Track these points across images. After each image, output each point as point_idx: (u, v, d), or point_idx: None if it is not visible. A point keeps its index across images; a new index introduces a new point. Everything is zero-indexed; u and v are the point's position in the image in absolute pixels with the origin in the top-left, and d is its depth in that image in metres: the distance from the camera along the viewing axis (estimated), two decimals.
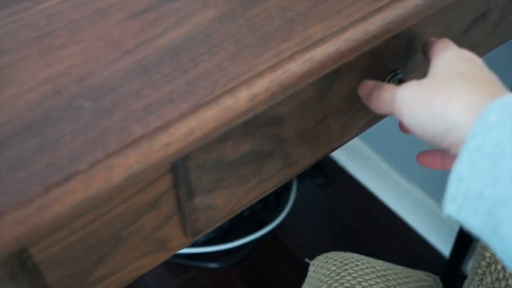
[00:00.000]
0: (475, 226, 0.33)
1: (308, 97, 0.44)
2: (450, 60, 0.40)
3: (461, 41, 0.54)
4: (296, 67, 0.37)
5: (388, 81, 0.48)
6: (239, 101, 0.35)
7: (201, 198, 0.42)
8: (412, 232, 1.28)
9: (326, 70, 0.39)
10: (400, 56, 0.49)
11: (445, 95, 0.37)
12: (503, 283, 0.51)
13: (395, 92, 0.40)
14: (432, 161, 0.43)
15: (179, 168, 0.38)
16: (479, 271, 0.54)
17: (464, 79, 0.38)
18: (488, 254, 0.53)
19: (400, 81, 0.48)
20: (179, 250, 0.46)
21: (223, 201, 0.44)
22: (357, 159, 1.35)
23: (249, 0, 0.41)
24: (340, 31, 0.39)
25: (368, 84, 0.44)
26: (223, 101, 0.35)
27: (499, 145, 0.32)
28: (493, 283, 0.52)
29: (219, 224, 0.46)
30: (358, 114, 0.50)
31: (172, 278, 1.20)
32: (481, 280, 0.53)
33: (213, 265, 1.21)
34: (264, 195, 0.47)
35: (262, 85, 0.36)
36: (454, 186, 0.34)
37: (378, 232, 1.28)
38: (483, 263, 0.53)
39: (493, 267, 0.52)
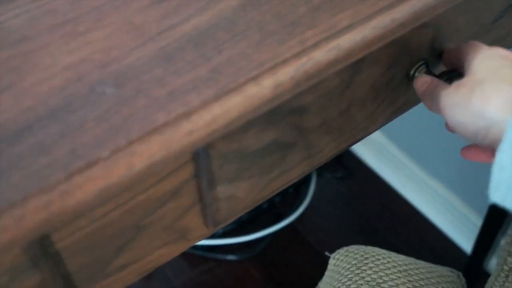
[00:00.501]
0: None
1: (332, 87, 0.43)
2: (484, 59, 0.41)
3: (491, 31, 0.52)
4: (321, 55, 0.36)
5: (415, 71, 0.47)
6: (263, 89, 0.34)
7: (223, 188, 0.41)
8: (432, 227, 1.26)
9: (352, 59, 0.38)
10: (427, 46, 0.48)
11: (483, 96, 0.38)
12: None
13: (441, 94, 0.41)
14: (477, 155, 0.43)
15: (200, 157, 0.38)
16: (505, 267, 0.52)
17: (499, 77, 0.39)
18: None
19: (428, 71, 0.47)
20: (200, 240, 0.45)
21: (245, 192, 0.43)
22: (377, 152, 1.34)
23: None
24: (366, 18, 0.38)
25: (425, 80, 0.45)
26: (247, 89, 0.34)
27: None
28: None
29: (240, 215, 0.45)
30: (383, 104, 0.49)
31: (191, 269, 1.20)
32: (507, 276, 0.52)
33: (231, 257, 1.21)
34: (287, 186, 0.47)
35: (287, 73, 0.35)
36: (497, 175, 0.35)
37: (398, 226, 1.27)
38: (510, 259, 0.52)
39: None
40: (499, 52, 0.41)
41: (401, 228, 1.27)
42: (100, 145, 0.31)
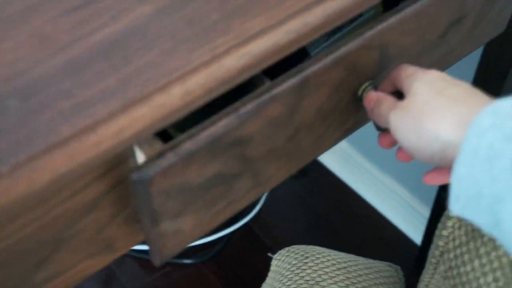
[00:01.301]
0: (480, 224, 0.36)
1: (277, 114, 0.42)
2: (425, 82, 0.41)
3: (439, 46, 0.53)
4: (232, 61, 0.36)
5: (363, 92, 0.47)
6: (172, 98, 0.34)
7: (167, 224, 0.40)
8: (387, 223, 1.28)
9: (265, 64, 0.38)
10: (374, 66, 0.47)
11: (434, 119, 0.38)
12: (455, 271, 0.51)
13: (389, 115, 0.41)
14: (438, 178, 0.43)
15: (141, 194, 0.36)
16: (433, 260, 0.54)
17: (445, 98, 0.39)
18: (441, 243, 0.53)
19: (375, 89, 0.47)
20: (128, 249, 0.45)
21: (191, 225, 0.42)
22: (330, 151, 1.35)
23: None
24: (278, 23, 0.38)
25: (371, 97, 0.45)
26: (155, 98, 0.34)
27: (492, 147, 0.34)
28: (446, 272, 0.52)
29: (188, 245, 0.44)
30: (332, 126, 0.48)
31: (147, 275, 1.19)
32: (435, 269, 0.53)
33: (188, 260, 1.20)
34: (236, 213, 0.45)
35: (197, 81, 0.35)
36: (455, 187, 0.36)
37: (353, 222, 1.28)
38: (437, 252, 0.53)
39: (445, 256, 0.52)
40: (436, 74, 0.42)
41: (357, 224, 1.28)
42: (0, 161, 0.30)
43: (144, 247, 1.18)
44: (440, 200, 0.96)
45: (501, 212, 0.34)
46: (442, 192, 0.94)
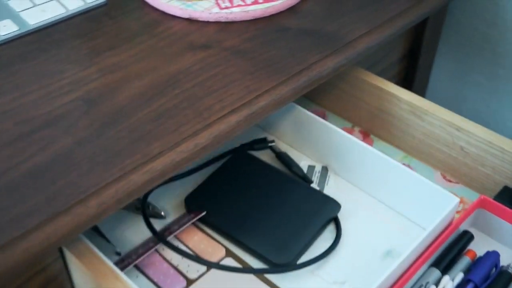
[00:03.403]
0: None
1: None
2: None
3: None
4: (138, 177, 0.47)
5: None
6: (89, 208, 0.44)
7: None
8: None
9: (166, 177, 0.49)
10: None
11: None
12: None
13: None
14: None
15: None
16: None
17: None
18: None
19: None
20: None
21: None
22: None
23: (105, 126, 0.51)
24: (175, 145, 0.50)
25: None
26: (75, 210, 0.44)
27: None
28: None
29: None
30: None
31: None
32: None
33: None
34: None
35: (109, 194, 0.45)
36: None
37: None
38: None
39: None
40: None
41: None
42: None
43: None
44: None
45: None
46: None
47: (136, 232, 0.60)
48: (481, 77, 0.94)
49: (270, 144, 0.69)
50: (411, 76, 0.89)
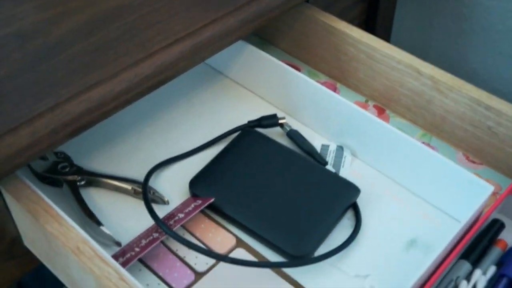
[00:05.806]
0: None
1: None
2: None
3: None
4: (73, 107, 0.44)
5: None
6: (21, 137, 0.42)
7: None
8: None
9: (104, 109, 0.46)
10: None
11: None
12: None
13: None
14: None
15: None
16: None
17: None
18: None
19: None
20: None
21: None
22: None
23: (39, 59, 0.48)
24: (114, 75, 0.47)
25: None
26: (6, 139, 0.41)
27: None
28: None
29: None
30: None
31: None
32: None
33: None
34: None
35: (42, 123, 0.43)
36: None
37: None
38: None
39: None
40: None
41: None
42: None
43: None
44: None
45: None
46: None
47: (135, 219, 0.52)
48: (447, 20, 0.92)
49: (280, 121, 0.61)
50: (373, 18, 0.87)
